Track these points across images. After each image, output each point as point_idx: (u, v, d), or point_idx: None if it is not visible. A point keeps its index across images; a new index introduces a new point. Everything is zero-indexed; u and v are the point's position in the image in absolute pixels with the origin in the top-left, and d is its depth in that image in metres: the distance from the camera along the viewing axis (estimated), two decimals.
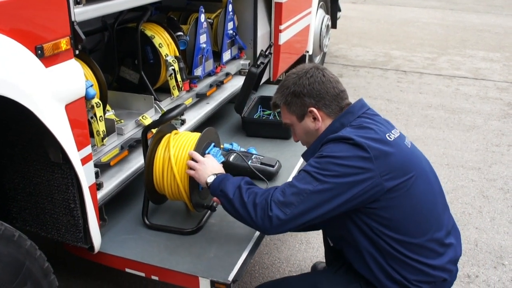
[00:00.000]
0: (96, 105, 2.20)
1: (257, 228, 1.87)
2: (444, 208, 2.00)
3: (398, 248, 1.83)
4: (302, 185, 1.76)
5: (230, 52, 3.69)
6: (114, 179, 2.34)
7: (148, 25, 2.86)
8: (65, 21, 1.74)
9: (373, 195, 1.76)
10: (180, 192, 2.23)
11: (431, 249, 1.87)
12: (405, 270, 1.84)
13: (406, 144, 1.91)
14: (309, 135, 2.03)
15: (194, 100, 3.15)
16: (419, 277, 1.85)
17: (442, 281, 1.91)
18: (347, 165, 1.74)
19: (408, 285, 1.85)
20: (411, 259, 1.84)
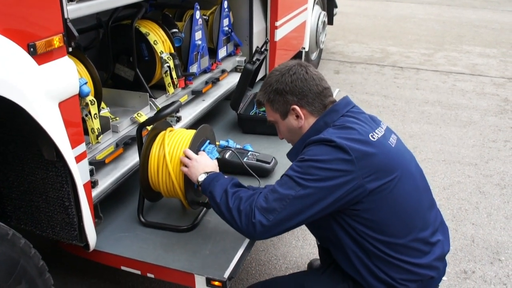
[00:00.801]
0: (90, 103, 2.19)
1: (243, 234, 1.86)
2: (430, 206, 1.97)
3: (383, 249, 1.82)
4: (284, 190, 1.75)
5: (226, 49, 3.68)
6: (109, 176, 2.34)
7: (143, 22, 2.84)
8: (57, 19, 1.73)
9: (356, 197, 1.75)
10: (175, 189, 2.23)
11: (416, 249, 1.86)
12: (391, 269, 1.83)
13: (390, 143, 1.88)
14: (293, 133, 2.02)
15: (189, 97, 3.14)
16: (406, 276, 1.84)
17: (429, 279, 1.90)
18: (328, 168, 1.72)
19: (394, 284, 1.84)
20: (397, 259, 1.83)
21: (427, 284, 1.91)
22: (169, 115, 2.27)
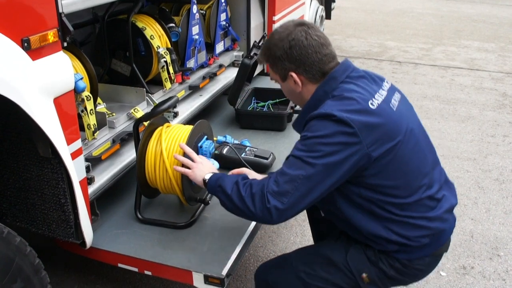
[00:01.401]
0: (86, 98, 2.17)
1: (259, 221, 1.85)
2: (434, 164, 1.97)
3: (392, 210, 1.83)
4: (294, 171, 1.73)
5: (223, 43, 3.65)
6: (105, 173, 2.31)
7: (139, 17, 2.81)
8: (52, 13, 1.70)
9: (363, 166, 1.75)
10: (172, 186, 2.21)
11: (425, 205, 1.87)
12: (403, 229, 1.85)
13: (392, 106, 1.85)
14: (294, 96, 2.01)
15: (187, 92, 3.11)
16: (417, 232, 1.85)
17: (441, 231, 1.92)
18: (333, 142, 1.71)
19: (407, 242, 1.85)
20: (407, 217, 1.84)
21: (439, 237, 1.93)
22: (166, 110, 2.24)
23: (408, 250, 1.88)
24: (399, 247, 1.87)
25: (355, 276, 1.94)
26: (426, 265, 1.95)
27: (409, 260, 1.91)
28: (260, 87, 3.65)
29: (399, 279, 1.97)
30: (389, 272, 1.92)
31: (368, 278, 1.93)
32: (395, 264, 1.91)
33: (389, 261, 1.91)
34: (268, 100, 3.52)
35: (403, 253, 1.89)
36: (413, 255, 1.90)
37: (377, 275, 1.93)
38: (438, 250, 1.96)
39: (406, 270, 1.93)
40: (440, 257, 2.02)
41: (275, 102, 3.51)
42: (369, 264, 1.93)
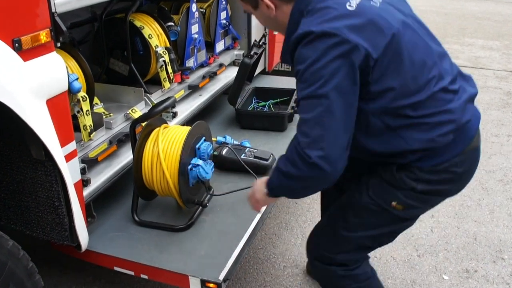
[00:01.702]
0: (82, 99, 2.13)
1: (318, 182, 1.70)
2: (441, 55, 1.81)
3: (407, 113, 1.69)
4: (312, 112, 1.60)
5: (224, 42, 3.61)
6: (102, 175, 2.27)
7: (138, 16, 2.77)
8: (44, 13, 1.66)
9: (367, 67, 1.61)
10: (169, 188, 2.17)
11: (441, 99, 1.72)
12: (424, 132, 1.71)
13: (373, 3, 1.69)
14: (272, 23, 1.90)
15: (186, 92, 3.07)
16: (439, 130, 1.71)
17: (466, 123, 1.76)
18: (329, 61, 1.56)
19: (432, 145, 1.72)
20: (424, 117, 1.70)
21: (465, 132, 1.78)
22: (163, 111, 2.21)
23: (433, 154, 1.74)
24: (422, 153, 1.73)
25: (387, 209, 1.84)
26: (460, 164, 1.77)
27: (435, 165, 1.75)
28: (261, 87, 3.61)
29: (437, 190, 1.82)
30: (417, 187, 1.78)
31: (399, 205, 1.82)
32: (420, 175, 1.77)
33: (412, 175, 1.77)
34: (269, 99, 3.48)
35: (428, 159, 1.74)
36: (439, 159, 1.75)
37: (407, 197, 1.80)
38: (468, 145, 1.78)
39: (437, 177, 1.77)
40: (478, 151, 1.84)
41: (276, 102, 3.47)
42: (393, 189, 1.82)
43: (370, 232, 1.93)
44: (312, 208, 3.43)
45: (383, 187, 1.84)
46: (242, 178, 2.60)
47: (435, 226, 3.25)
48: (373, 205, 1.86)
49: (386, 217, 1.87)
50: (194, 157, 2.22)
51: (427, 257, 2.96)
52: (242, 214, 2.34)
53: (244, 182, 2.54)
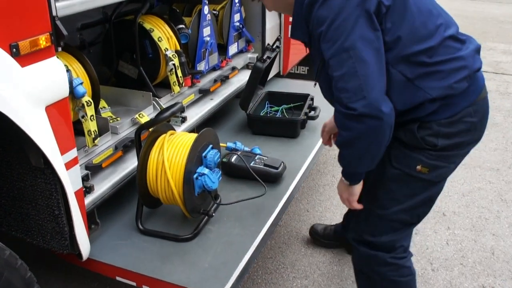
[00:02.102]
0: (86, 104, 2.08)
1: (376, 132, 1.70)
2: (444, 12, 1.88)
3: (423, 59, 1.72)
4: (346, 67, 1.64)
5: (237, 45, 3.54)
6: (106, 181, 2.22)
7: (148, 18, 2.71)
8: (44, 17, 1.60)
9: (379, 16, 1.68)
10: (174, 197, 2.11)
11: (451, 47, 1.77)
12: (441, 79, 1.74)
13: None
14: (277, 2, 1.96)
15: (196, 96, 3.01)
16: (455, 76, 1.75)
17: (477, 71, 1.82)
18: (348, 14, 1.64)
19: (450, 92, 1.75)
20: (440, 63, 1.74)
21: (476, 79, 1.83)
22: (169, 118, 2.14)
23: (449, 104, 1.77)
24: (440, 102, 1.75)
25: (414, 176, 1.85)
26: (474, 114, 1.82)
27: (452, 116, 1.78)
28: (274, 91, 3.53)
29: (456, 143, 1.83)
30: (438, 143, 1.80)
31: (424, 168, 1.83)
32: (439, 129, 1.79)
33: (432, 131, 1.79)
34: (283, 104, 3.40)
35: (444, 110, 1.77)
36: (454, 109, 1.78)
37: (429, 158, 1.82)
38: (480, 95, 1.83)
39: (455, 129, 1.80)
40: (487, 102, 1.90)
41: (290, 107, 3.39)
42: (415, 153, 1.83)
43: (404, 205, 1.93)
44: (324, 216, 3.34)
45: (405, 154, 1.86)
46: (250, 186, 2.53)
47: (451, 239, 3.14)
48: (400, 175, 1.88)
49: (415, 184, 1.88)
50: (200, 166, 2.15)
51: (441, 271, 2.86)
52: (250, 224, 2.27)
53: (252, 191, 2.47)
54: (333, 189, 3.66)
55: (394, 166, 1.88)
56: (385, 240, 2.02)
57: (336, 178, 3.81)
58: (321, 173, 3.88)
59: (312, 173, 3.86)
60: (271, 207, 2.39)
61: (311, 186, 3.70)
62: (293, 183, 2.59)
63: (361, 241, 2.08)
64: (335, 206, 3.45)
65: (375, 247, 2.04)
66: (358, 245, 2.11)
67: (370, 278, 2.14)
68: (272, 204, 2.41)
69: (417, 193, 1.91)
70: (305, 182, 3.71)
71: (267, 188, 2.45)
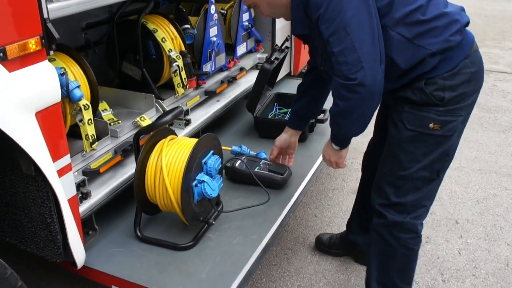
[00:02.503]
0: (84, 108, 2.02)
1: (369, 101, 1.87)
2: None
3: (418, 17, 1.86)
4: (344, 43, 1.79)
5: (246, 45, 3.46)
6: (105, 186, 2.16)
7: (152, 18, 2.64)
8: (34, 19, 1.54)
9: None
10: (172, 205, 2.04)
11: (439, 2, 1.93)
12: (437, 34, 1.88)
13: None
14: (273, 6, 2.06)
15: (202, 97, 2.94)
16: (449, 29, 1.89)
17: (467, 24, 1.97)
18: None
19: (447, 45, 1.89)
20: (433, 19, 1.88)
21: (467, 33, 1.97)
22: (168, 123, 2.07)
23: (448, 58, 1.91)
24: (440, 56, 1.89)
25: (428, 133, 1.98)
26: (471, 65, 1.95)
27: (452, 69, 1.92)
28: (283, 93, 3.44)
29: (460, 94, 1.95)
30: (445, 95, 1.93)
31: (437, 125, 1.96)
32: (443, 83, 1.92)
33: (438, 86, 1.92)
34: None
35: (445, 64, 1.91)
36: (453, 62, 1.92)
37: (439, 114, 1.95)
38: (472, 47, 1.97)
39: (457, 81, 1.92)
40: (480, 53, 2.03)
41: None
42: (425, 113, 1.96)
43: (423, 162, 2.04)
44: (332, 222, 3.26)
45: (416, 115, 1.98)
46: (254, 192, 2.45)
47: (463, 248, 3.03)
48: (415, 135, 2.00)
49: (430, 141, 2.01)
50: (200, 172, 2.08)
51: (452, 282, 2.75)
52: (251, 233, 2.20)
53: (256, 198, 2.40)
54: (342, 194, 3.57)
55: (408, 129, 2.00)
56: (410, 199, 2.12)
57: (346, 182, 3.72)
58: (331, 177, 3.79)
59: (321, 177, 3.77)
60: (274, 215, 2.32)
61: (320, 190, 3.62)
62: (298, 190, 2.51)
63: (388, 204, 2.16)
64: (343, 211, 3.36)
65: (401, 209, 2.14)
66: (384, 209, 2.18)
67: (387, 243, 2.22)
68: (275, 212, 2.33)
69: (433, 150, 2.03)
70: (314, 186, 3.62)
71: (270, 196, 2.38)
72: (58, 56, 2.08)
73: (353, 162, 3.98)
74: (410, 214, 2.16)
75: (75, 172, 2.07)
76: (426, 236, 3.12)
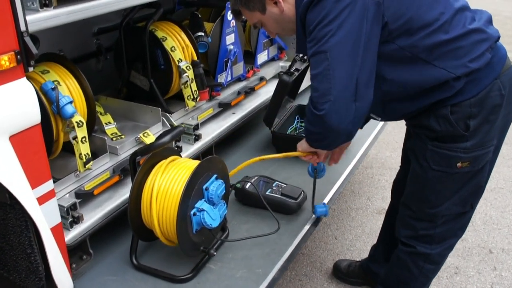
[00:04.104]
0: (77, 125, 1.85)
1: (333, 134, 1.73)
2: None
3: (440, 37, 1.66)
4: (319, 68, 1.64)
5: (267, 52, 3.26)
6: (100, 209, 2.00)
7: (162, 25, 2.47)
8: (9, 32, 1.38)
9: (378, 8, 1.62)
10: (169, 234, 1.87)
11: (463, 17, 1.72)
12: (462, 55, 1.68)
13: None
14: (282, 23, 1.90)
15: (215, 110, 2.75)
16: (478, 48, 1.69)
17: (498, 39, 1.78)
18: (336, 15, 1.60)
19: (475, 65, 1.69)
20: (458, 39, 1.68)
21: (499, 49, 1.79)
22: (167, 144, 1.89)
23: (477, 76, 1.71)
24: (467, 78, 1.69)
25: (456, 172, 1.82)
26: (502, 86, 1.75)
27: (480, 92, 1.72)
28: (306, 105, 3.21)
29: (490, 120, 1.76)
30: (473, 124, 1.73)
31: (465, 162, 1.80)
32: (471, 110, 1.72)
33: (462, 114, 1.73)
34: None
35: (474, 84, 1.70)
36: (484, 80, 1.72)
37: (467, 151, 1.78)
38: (504, 65, 1.78)
39: (486, 106, 1.73)
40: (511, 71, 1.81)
41: None
42: (450, 151, 1.79)
43: (454, 198, 1.90)
44: (353, 246, 3.03)
45: (440, 154, 1.81)
46: (264, 217, 2.26)
47: (496, 282, 2.76)
48: (442, 175, 1.85)
49: (460, 178, 1.85)
50: (200, 199, 1.89)
51: None
52: (257, 266, 2.01)
53: (266, 223, 2.22)
54: (366, 214, 3.33)
55: (433, 169, 1.85)
56: (440, 231, 2.00)
57: (372, 201, 3.48)
58: (355, 194, 3.55)
59: (345, 194, 3.54)
60: (283, 245, 2.11)
61: (342, 209, 3.39)
62: (313, 217, 2.30)
63: (415, 236, 2.04)
64: (366, 234, 3.13)
65: (430, 240, 2.02)
66: (411, 241, 2.06)
67: (408, 270, 2.12)
68: (285, 243, 2.13)
69: (464, 185, 1.88)
70: (336, 204, 3.40)
71: (282, 222, 2.18)
72: (53, 67, 1.93)
73: (380, 179, 3.73)
74: (439, 245, 2.04)
75: (66, 194, 1.92)
76: (455, 266, 2.86)
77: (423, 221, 2.00)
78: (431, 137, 1.82)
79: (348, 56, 1.62)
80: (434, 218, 1.97)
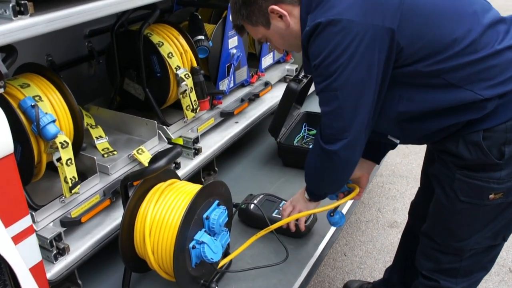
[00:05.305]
0: (61, 146, 1.65)
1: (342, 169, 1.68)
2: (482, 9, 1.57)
3: (470, 58, 1.48)
4: (330, 106, 1.56)
5: (273, 55, 3.04)
6: (88, 237, 1.80)
7: (158, 28, 2.25)
8: None
9: (391, 41, 1.47)
10: (166, 267, 1.66)
11: (496, 32, 1.53)
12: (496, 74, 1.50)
13: None
14: (287, 38, 1.74)
15: (217, 120, 2.54)
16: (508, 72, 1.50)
17: None
18: (342, 50, 1.46)
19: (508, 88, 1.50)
20: (491, 57, 1.49)
21: None
22: (161, 170, 1.68)
23: None
24: (499, 100, 1.51)
25: (487, 204, 1.62)
26: None
27: None
28: (314, 112, 2.99)
29: None
30: (507, 150, 1.53)
31: (498, 194, 1.60)
32: (506, 135, 1.53)
33: (495, 140, 1.54)
34: None
35: (508, 106, 1.51)
36: None
37: (500, 182, 1.58)
38: None
39: None
40: None
41: None
42: (481, 182, 1.59)
43: (484, 231, 1.71)
44: (364, 263, 2.83)
45: (470, 185, 1.62)
46: (271, 242, 2.06)
47: None
48: (471, 208, 1.66)
49: (492, 210, 1.66)
50: (200, 229, 1.69)
51: None
52: None
53: (273, 249, 2.02)
54: (377, 227, 3.13)
55: (462, 201, 1.65)
56: (466, 264, 1.80)
57: (382, 213, 3.28)
58: (365, 206, 3.35)
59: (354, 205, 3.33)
60: (292, 276, 1.92)
61: (352, 222, 3.18)
62: (324, 242, 2.10)
63: (438, 270, 1.85)
64: (377, 250, 2.93)
65: (455, 274, 1.83)
66: (434, 274, 1.87)
67: None
68: (294, 273, 1.93)
69: (496, 218, 1.69)
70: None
71: (290, 248, 1.98)
72: (34, 80, 1.72)
73: (391, 188, 3.52)
74: (465, 279, 1.84)
75: (50, 223, 1.72)
76: None
77: (448, 254, 1.80)
78: (460, 165, 1.61)
79: (361, 93, 1.52)
80: (460, 252, 1.77)
